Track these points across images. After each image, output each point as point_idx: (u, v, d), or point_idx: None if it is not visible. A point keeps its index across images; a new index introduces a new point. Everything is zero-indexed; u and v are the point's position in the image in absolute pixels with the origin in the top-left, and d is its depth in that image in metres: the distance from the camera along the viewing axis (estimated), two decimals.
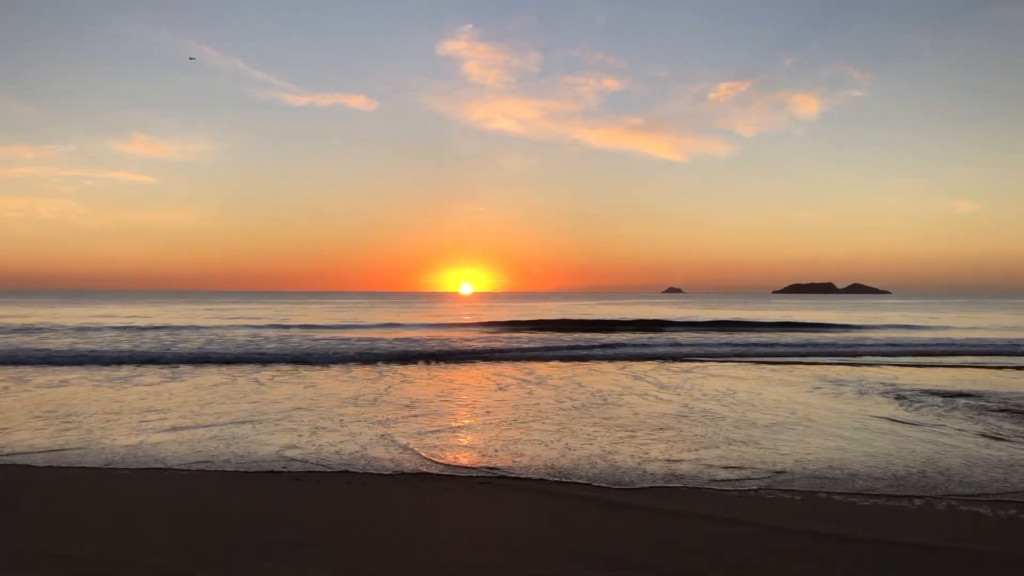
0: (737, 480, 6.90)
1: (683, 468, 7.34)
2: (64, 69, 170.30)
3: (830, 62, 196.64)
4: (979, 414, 10.85)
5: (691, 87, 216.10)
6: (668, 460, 7.68)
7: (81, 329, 30.36)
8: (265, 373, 15.88)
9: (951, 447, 8.40)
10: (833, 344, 25.73)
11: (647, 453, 8.00)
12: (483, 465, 7.45)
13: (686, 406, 11.49)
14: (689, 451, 8.13)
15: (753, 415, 10.65)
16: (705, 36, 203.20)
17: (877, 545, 5.11)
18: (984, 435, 9.16)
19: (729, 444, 8.53)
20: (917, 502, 6.20)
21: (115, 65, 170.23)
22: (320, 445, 8.32)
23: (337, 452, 7.96)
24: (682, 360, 20.01)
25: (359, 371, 16.56)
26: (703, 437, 8.94)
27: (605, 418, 10.28)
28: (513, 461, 7.60)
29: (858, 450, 8.22)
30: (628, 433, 9.16)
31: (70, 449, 8.04)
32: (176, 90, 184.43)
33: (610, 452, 8.04)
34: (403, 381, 14.72)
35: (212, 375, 15.42)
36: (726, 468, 7.36)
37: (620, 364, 18.87)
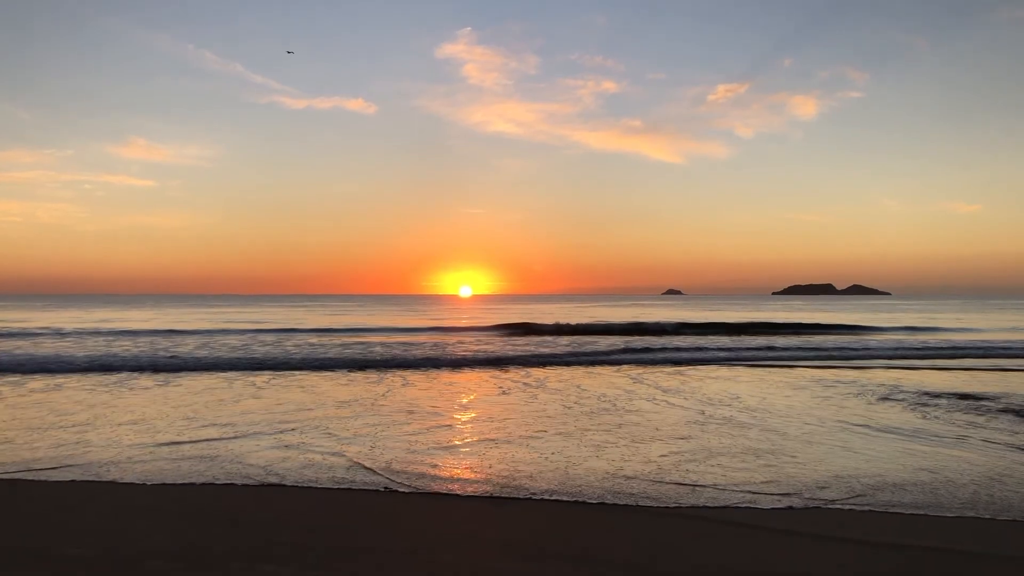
0: (812, 504, 6.43)
1: (726, 493, 6.86)
2: (62, 73, 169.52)
3: (828, 63, 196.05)
4: (1012, 423, 10.40)
5: (689, 89, 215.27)
6: (703, 478, 7.22)
7: (77, 333, 29.91)
8: (260, 378, 15.40)
9: (1009, 463, 7.76)
10: (842, 347, 25.29)
11: (691, 468, 7.54)
12: (483, 479, 6.98)
13: (702, 413, 11.00)
14: (725, 467, 7.66)
15: (775, 422, 10.17)
16: (703, 38, 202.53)
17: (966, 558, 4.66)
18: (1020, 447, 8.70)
19: (762, 459, 8.06)
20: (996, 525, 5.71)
21: (113, 69, 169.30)
22: (313, 455, 7.87)
23: (332, 461, 7.53)
24: (687, 364, 19.55)
25: (356, 376, 16.08)
26: (731, 449, 8.46)
27: (619, 425, 9.80)
28: (519, 477, 7.12)
29: (912, 465, 7.57)
30: (669, 444, 8.69)
31: (65, 459, 7.61)
32: (174, 94, 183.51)
33: (660, 468, 7.56)
34: (403, 385, 14.25)
35: (206, 380, 14.93)
36: (778, 494, 6.89)
37: (624, 369, 18.40)
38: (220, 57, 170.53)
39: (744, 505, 6.10)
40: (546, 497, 6.30)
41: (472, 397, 12.88)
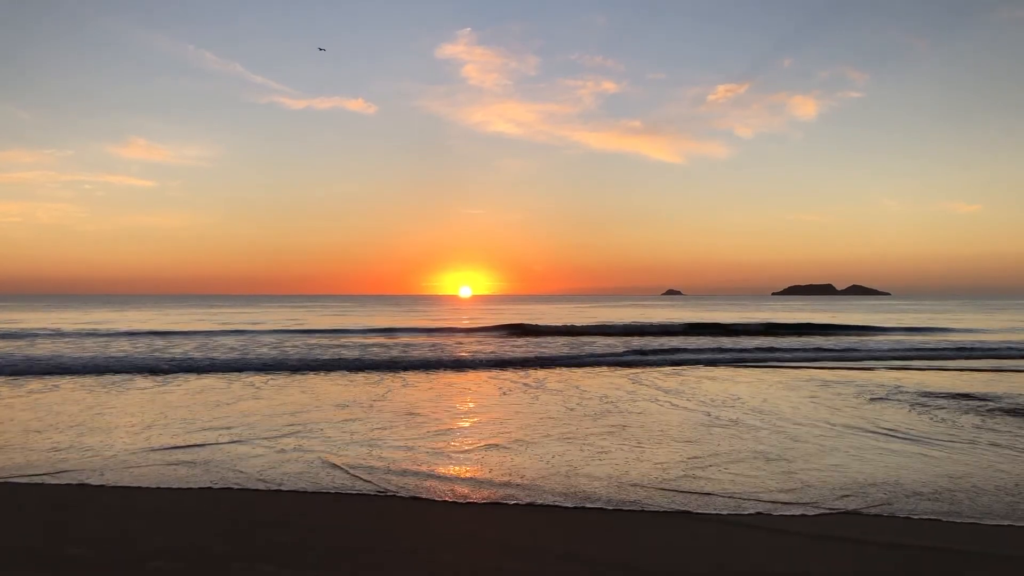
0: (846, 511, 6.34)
1: (735, 501, 6.71)
2: (62, 73, 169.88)
3: (828, 64, 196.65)
4: (1021, 425, 10.31)
5: (689, 90, 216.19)
6: (724, 483, 7.13)
7: (76, 334, 29.83)
8: (259, 379, 15.31)
9: None
10: (844, 348, 25.23)
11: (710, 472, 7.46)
12: (483, 482, 6.86)
13: (708, 415, 10.88)
14: (735, 473, 7.53)
15: (782, 425, 10.04)
16: (702, 39, 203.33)
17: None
18: None
19: (773, 463, 7.95)
20: None
21: (113, 69, 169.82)
22: (312, 457, 7.76)
23: (332, 463, 7.41)
24: (689, 365, 19.46)
25: (355, 377, 15.99)
26: (740, 453, 8.33)
27: (622, 427, 9.68)
28: (520, 481, 7.00)
29: (929, 471, 7.38)
30: (682, 447, 8.62)
31: (62, 462, 7.51)
32: (174, 94, 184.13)
33: (678, 473, 7.48)
34: (403, 386, 14.15)
35: (204, 382, 14.83)
36: (795, 503, 6.79)
37: (625, 370, 18.31)
38: (220, 57, 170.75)
39: (756, 512, 5.99)
40: (547, 501, 6.20)
41: (472, 399, 12.80)
